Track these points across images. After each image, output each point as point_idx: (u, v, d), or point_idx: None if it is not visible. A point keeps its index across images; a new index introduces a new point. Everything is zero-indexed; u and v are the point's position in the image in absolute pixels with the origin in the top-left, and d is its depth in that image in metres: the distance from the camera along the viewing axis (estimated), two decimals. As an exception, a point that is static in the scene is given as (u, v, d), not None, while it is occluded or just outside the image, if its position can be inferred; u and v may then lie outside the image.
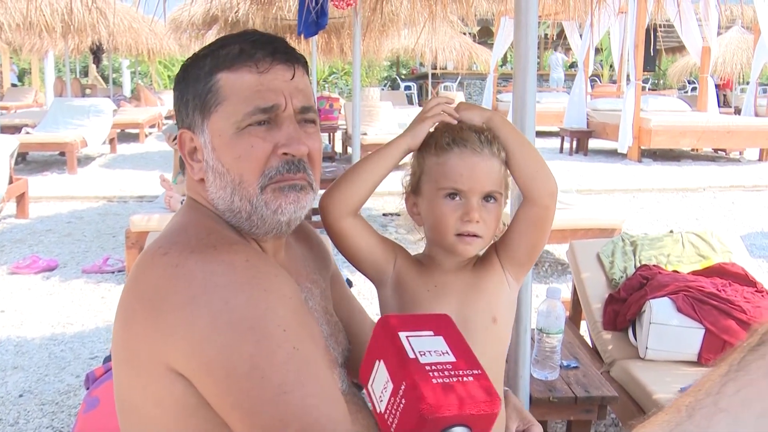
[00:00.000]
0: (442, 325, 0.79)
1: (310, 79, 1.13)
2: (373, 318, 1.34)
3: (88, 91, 16.44)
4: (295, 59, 1.08)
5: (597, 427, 2.83)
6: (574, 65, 18.14)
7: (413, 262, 1.27)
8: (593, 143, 11.88)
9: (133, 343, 0.96)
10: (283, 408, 0.88)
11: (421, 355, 0.72)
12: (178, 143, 1.11)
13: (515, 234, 1.24)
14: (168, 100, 17.29)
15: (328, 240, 1.31)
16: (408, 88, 21.33)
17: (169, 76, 26.14)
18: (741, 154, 11.57)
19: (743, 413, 0.41)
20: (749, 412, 0.41)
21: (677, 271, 2.92)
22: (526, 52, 1.81)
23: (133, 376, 0.98)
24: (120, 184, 8.52)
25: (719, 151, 11.65)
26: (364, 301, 1.44)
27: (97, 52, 15.69)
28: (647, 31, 10.65)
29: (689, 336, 2.52)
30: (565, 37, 14.68)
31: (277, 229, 1.07)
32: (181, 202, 4.61)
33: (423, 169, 1.22)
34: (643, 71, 12.42)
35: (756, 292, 2.73)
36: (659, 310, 2.55)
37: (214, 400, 0.92)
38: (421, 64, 21.49)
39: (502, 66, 18.37)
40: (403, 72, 24.13)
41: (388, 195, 6.37)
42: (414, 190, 1.25)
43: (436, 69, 19.29)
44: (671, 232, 3.23)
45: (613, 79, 18.93)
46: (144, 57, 16.69)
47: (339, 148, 11.19)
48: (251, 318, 0.91)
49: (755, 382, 0.41)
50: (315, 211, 1.13)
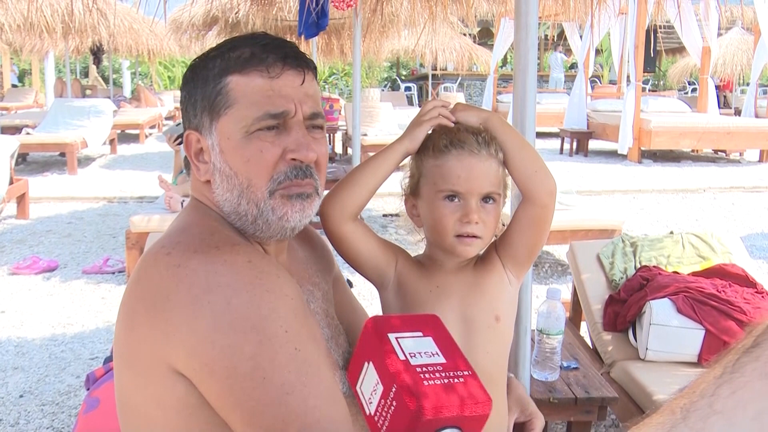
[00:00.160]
0: (431, 326, 0.79)
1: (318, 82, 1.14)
2: None
3: (88, 91, 16.44)
4: (306, 64, 1.08)
5: (597, 428, 2.83)
6: (574, 66, 18.14)
7: (414, 264, 1.28)
8: (593, 144, 11.88)
9: (135, 343, 0.97)
10: (284, 408, 0.88)
11: (411, 357, 0.72)
12: (184, 144, 1.11)
13: (515, 233, 1.24)
14: (168, 101, 17.30)
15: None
16: (408, 89, 21.32)
17: (169, 77, 26.13)
18: (741, 155, 11.57)
19: (738, 415, 0.41)
20: (744, 414, 0.41)
21: (677, 272, 2.92)
22: (526, 53, 1.81)
23: (135, 376, 0.98)
24: (120, 184, 8.53)
25: (719, 152, 11.65)
26: (363, 301, 1.45)
27: (97, 53, 15.66)
28: (647, 32, 10.66)
29: (689, 337, 2.52)
30: (566, 38, 14.68)
31: (281, 234, 1.07)
32: (181, 203, 4.64)
33: (421, 172, 1.22)
34: (644, 72, 12.41)
35: (756, 293, 2.73)
36: (659, 311, 2.55)
37: (216, 400, 0.92)
38: (421, 65, 21.49)
39: (502, 67, 18.37)
40: (404, 73, 24.12)
41: (388, 196, 6.37)
42: (413, 193, 1.26)
43: (436, 70, 19.28)
44: (671, 233, 3.23)
45: (611, 80, 18.94)
46: (144, 58, 16.70)
47: (339, 149, 11.19)
48: (253, 318, 0.91)
49: (750, 383, 0.41)
50: (316, 213, 1.14)
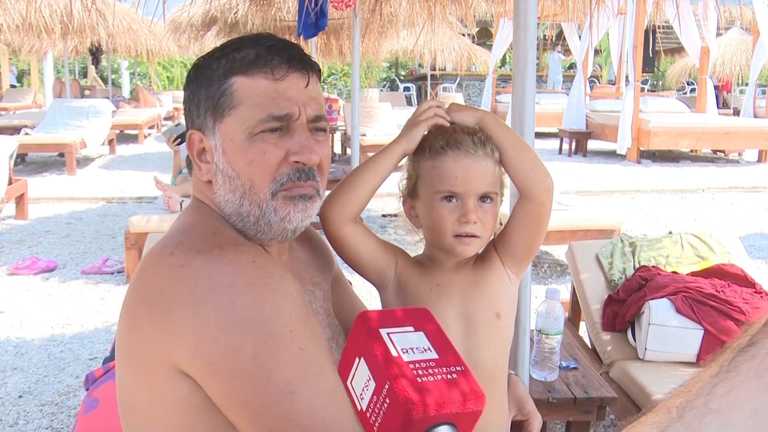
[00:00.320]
0: (422, 320, 0.78)
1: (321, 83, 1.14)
2: None
3: (87, 92, 16.45)
4: (310, 67, 1.08)
5: (596, 428, 2.83)
6: (572, 66, 18.15)
7: (414, 264, 1.28)
8: (592, 144, 11.88)
9: (138, 342, 0.97)
10: (289, 408, 0.88)
11: (404, 353, 0.71)
12: (186, 143, 1.11)
13: (513, 230, 1.25)
14: (167, 102, 17.29)
15: None
16: (407, 89, 21.34)
17: (168, 77, 26.11)
18: (740, 155, 11.58)
19: (733, 414, 0.41)
20: (739, 413, 0.41)
21: (676, 272, 2.92)
22: (525, 54, 1.82)
23: (138, 375, 0.98)
24: (119, 185, 8.52)
25: (718, 152, 11.66)
26: (363, 302, 1.45)
27: (96, 53, 15.68)
28: (646, 32, 10.66)
29: (688, 337, 2.52)
30: (564, 39, 14.68)
31: (282, 236, 1.08)
32: (180, 203, 4.63)
33: (419, 173, 1.23)
34: (642, 72, 12.43)
35: (755, 293, 2.73)
36: (658, 311, 2.55)
37: (220, 400, 0.92)
38: (420, 66, 21.50)
39: (501, 67, 18.38)
40: (402, 73, 24.13)
41: (387, 196, 6.37)
42: (411, 194, 1.26)
43: (435, 70, 19.29)
44: (670, 233, 3.23)
45: (610, 80, 18.94)
46: (143, 58, 16.71)
47: (338, 149, 11.19)
48: (258, 318, 0.91)
49: (745, 383, 0.41)
50: (316, 214, 1.15)
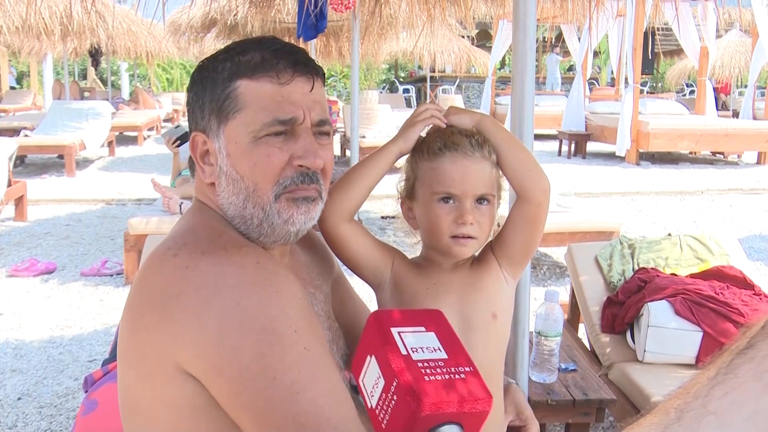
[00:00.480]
0: (434, 321, 0.79)
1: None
2: None
3: (86, 93, 16.45)
4: (315, 71, 1.08)
5: (595, 430, 2.83)
6: (572, 68, 18.16)
7: (410, 264, 1.29)
8: (591, 146, 11.89)
9: (141, 343, 0.97)
10: (295, 408, 0.89)
11: (413, 352, 0.72)
12: (190, 145, 1.11)
13: (510, 232, 1.26)
14: (166, 103, 17.31)
15: None
16: (406, 91, 21.35)
17: (167, 79, 26.14)
18: (739, 157, 11.59)
19: (732, 416, 0.42)
20: (738, 415, 0.41)
21: (675, 274, 2.92)
22: (525, 55, 1.82)
23: (141, 376, 0.98)
24: (118, 186, 8.52)
25: (717, 154, 11.67)
26: (364, 304, 1.47)
27: (95, 55, 15.67)
28: (645, 34, 10.67)
29: (687, 339, 2.52)
30: (564, 41, 14.70)
31: (285, 239, 1.08)
32: (180, 204, 4.62)
33: (417, 175, 1.23)
34: (642, 74, 12.43)
35: (754, 295, 2.73)
36: (657, 313, 2.55)
37: (226, 400, 0.92)
38: (419, 67, 21.53)
39: (500, 69, 18.40)
40: (402, 75, 24.15)
41: (386, 198, 6.38)
42: (409, 195, 1.27)
43: (434, 72, 19.30)
44: (669, 235, 3.23)
45: (610, 83, 18.96)
46: (143, 60, 16.73)
47: (337, 151, 11.20)
48: (263, 319, 0.92)
49: (744, 384, 0.42)
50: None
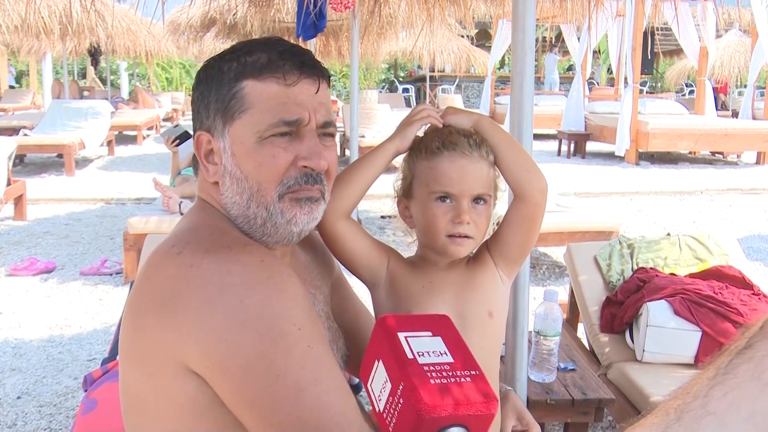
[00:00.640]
0: (441, 326, 0.80)
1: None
2: None
3: (86, 93, 16.45)
4: (321, 73, 1.09)
5: (594, 430, 2.84)
6: (572, 68, 18.17)
7: (406, 263, 1.29)
8: (591, 146, 11.90)
9: (144, 342, 0.97)
10: (299, 405, 0.89)
11: (419, 356, 0.73)
12: (194, 144, 1.11)
13: (507, 231, 1.26)
14: (165, 103, 17.29)
15: None
16: (406, 90, 21.35)
17: (167, 79, 26.13)
18: (738, 156, 11.60)
19: (731, 416, 0.42)
20: (737, 415, 0.42)
21: (674, 274, 2.92)
22: (524, 55, 1.82)
23: (143, 374, 0.99)
24: (118, 186, 8.52)
25: (717, 154, 11.68)
26: (364, 305, 1.47)
27: (95, 54, 15.68)
28: (645, 34, 10.68)
29: (686, 339, 2.52)
30: (563, 40, 14.71)
31: (287, 239, 1.08)
32: (179, 204, 4.62)
33: (414, 174, 1.24)
34: (641, 74, 12.43)
35: (753, 295, 2.73)
36: (656, 313, 2.55)
37: (230, 398, 0.93)
38: (419, 67, 21.53)
39: (499, 69, 18.41)
40: (401, 75, 24.16)
41: (385, 197, 6.36)
42: (405, 195, 1.27)
43: (434, 72, 19.32)
44: (668, 235, 3.24)
45: (606, 81, 18.97)
46: (142, 59, 16.72)
47: (337, 151, 11.19)
48: (267, 317, 0.92)
49: (743, 385, 0.42)
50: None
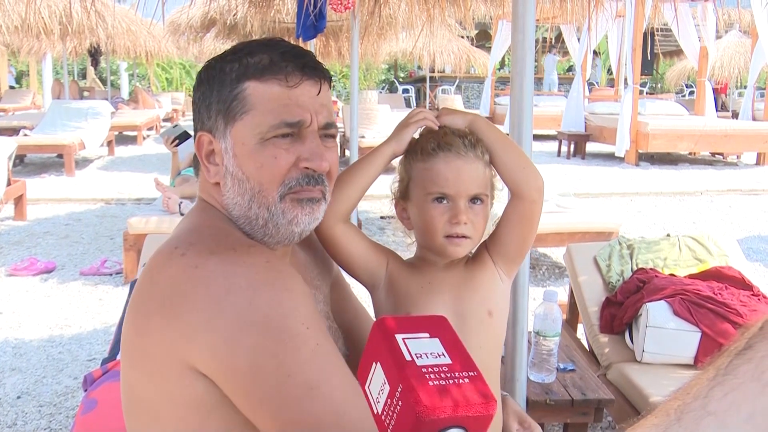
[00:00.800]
0: (439, 327, 0.80)
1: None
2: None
3: (86, 93, 16.45)
4: (322, 74, 1.09)
5: (593, 430, 2.84)
6: (572, 68, 18.17)
7: (405, 264, 1.30)
8: (591, 147, 11.90)
9: (148, 342, 0.97)
10: (311, 403, 0.89)
11: (417, 358, 0.73)
12: (195, 144, 1.11)
13: (505, 230, 1.26)
14: (165, 103, 17.29)
15: None
16: (406, 91, 21.35)
17: (167, 79, 26.12)
18: (738, 157, 11.60)
19: (731, 416, 0.42)
20: (737, 416, 0.42)
21: (674, 275, 2.92)
22: (524, 56, 1.82)
23: (147, 375, 0.99)
24: (118, 186, 8.52)
25: (716, 155, 11.68)
26: (363, 305, 1.47)
27: (95, 55, 15.70)
28: (645, 35, 10.68)
29: (686, 339, 2.52)
30: (563, 41, 14.71)
31: (289, 239, 1.09)
32: (179, 204, 4.62)
33: (410, 175, 1.24)
34: (641, 75, 12.43)
35: (752, 295, 2.73)
36: (656, 314, 2.55)
37: (240, 399, 0.93)
38: (419, 68, 21.53)
39: (499, 69, 18.41)
40: (401, 75, 24.15)
41: (386, 198, 6.35)
42: (403, 196, 1.28)
43: (434, 72, 19.32)
44: (668, 235, 3.24)
45: (608, 80, 18.96)
46: (142, 59, 16.73)
47: (338, 151, 11.19)
48: (276, 317, 0.93)
49: (743, 385, 0.42)
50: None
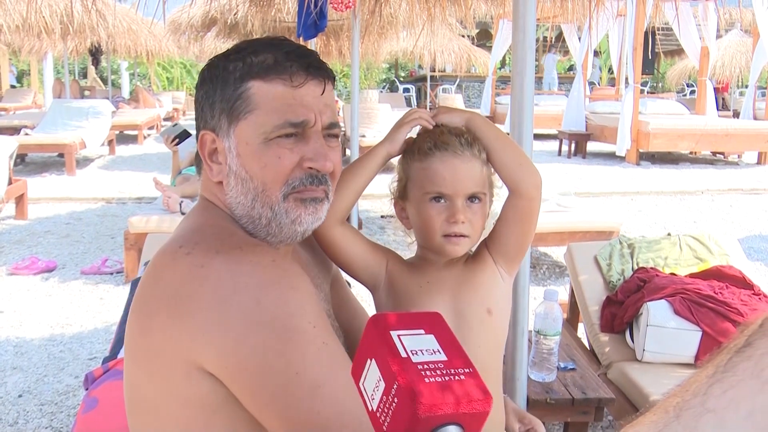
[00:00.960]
0: (434, 323, 0.80)
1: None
2: None
3: (86, 92, 16.45)
4: (326, 74, 1.09)
5: (594, 429, 2.84)
6: (572, 68, 18.16)
7: (405, 264, 1.30)
8: (591, 146, 11.90)
9: (153, 342, 0.97)
10: (319, 401, 0.90)
11: (413, 354, 0.73)
12: (198, 143, 1.11)
13: (504, 228, 1.26)
14: (166, 102, 17.29)
15: None
16: (407, 90, 21.34)
17: (167, 78, 26.11)
18: (739, 157, 11.59)
19: (730, 414, 0.42)
20: (736, 413, 0.42)
21: (674, 274, 2.92)
22: (524, 55, 1.82)
23: (151, 374, 0.99)
24: (118, 185, 8.52)
25: (717, 154, 11.67)
26: (361, 303, 1.47)
27: (96, 54, 15.67)
28: (646, 34, 10.68)
29: (686, 338, 2.52)
30: (564, 40, 14.70)
31: (292, 238, 1.09)
32: (180, 203, 4.62)
33: (408, 175, 1.25)
34: (642, 74, 12.43)
35: (753, 294, 2.73)
36: (656, 313, 2.55)
37: (248, 398, 0.93)
38: (419, 67, 21.51)
39: (500, 68, 18.40)
40: (402, 74, 24.15)
41: (386, 197, 6.35)
42: (401, 196, 1.28)
43: (434, 71, 19.29)
44: (669, 234, 3.24)
45: (609, 80, 18.95)
46: (143, 59, 16.73)
47: (340, 151, 11.19)
48: (283, 316, 0.93)
49: (742, 383, 0.42)
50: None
